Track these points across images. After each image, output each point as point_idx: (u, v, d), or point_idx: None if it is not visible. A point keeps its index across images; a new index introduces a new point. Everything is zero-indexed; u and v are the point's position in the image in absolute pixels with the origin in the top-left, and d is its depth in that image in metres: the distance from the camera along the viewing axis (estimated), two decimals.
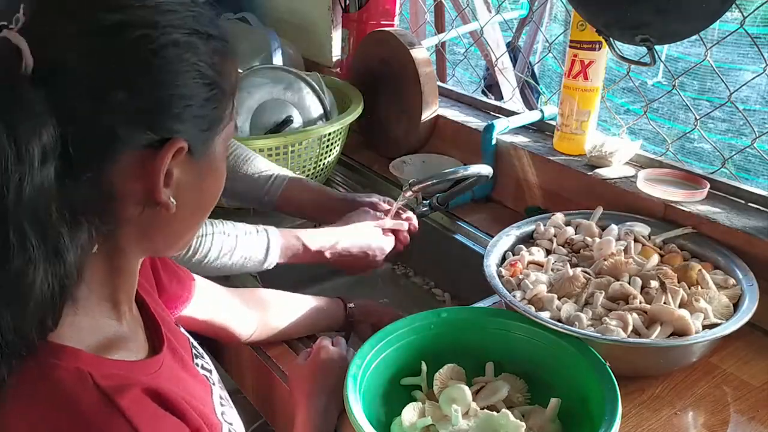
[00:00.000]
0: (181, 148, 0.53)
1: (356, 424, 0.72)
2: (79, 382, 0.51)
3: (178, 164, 0.54)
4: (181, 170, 0.55)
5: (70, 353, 0.52)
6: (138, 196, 0.53)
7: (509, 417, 0.73)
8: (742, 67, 4.40)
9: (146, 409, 0.52)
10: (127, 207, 0.54)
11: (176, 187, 0.55)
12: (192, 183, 0.56)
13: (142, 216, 0.55)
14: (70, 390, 0.50)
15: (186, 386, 0.64)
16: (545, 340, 0.85)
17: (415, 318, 0.88)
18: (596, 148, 1.23)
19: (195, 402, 0.60)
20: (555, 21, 4.53)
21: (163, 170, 0.52)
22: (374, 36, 1.60)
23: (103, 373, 0.52)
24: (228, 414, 0.70)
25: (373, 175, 1.55)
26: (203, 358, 0.75)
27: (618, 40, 1.03)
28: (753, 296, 0.90)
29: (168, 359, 0.63)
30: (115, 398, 0.50)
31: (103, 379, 0.51)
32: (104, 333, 0.57)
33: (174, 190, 0.55)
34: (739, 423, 0.84)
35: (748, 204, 1.10)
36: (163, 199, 0.54)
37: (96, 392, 0.50)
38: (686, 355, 0.88)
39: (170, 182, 0.54)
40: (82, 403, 0.50)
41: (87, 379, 0.51)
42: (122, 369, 0.55)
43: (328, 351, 0.89)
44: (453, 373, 0.85)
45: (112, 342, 0.57)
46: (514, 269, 1.01)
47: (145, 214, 0.55)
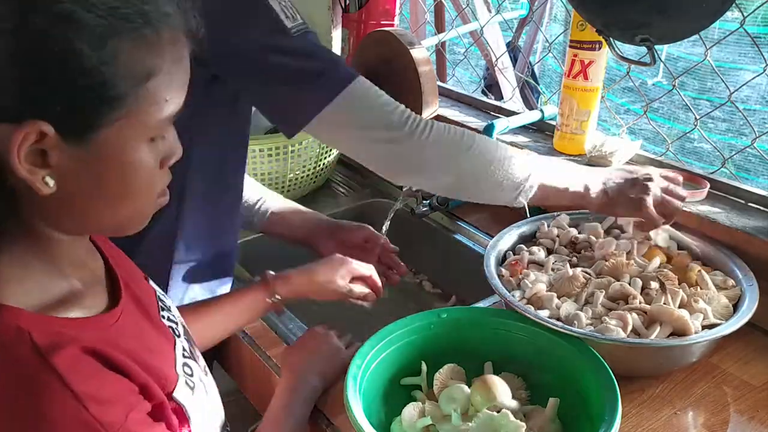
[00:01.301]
0: (43, 131, 0.51)
1: (356, 424, 0.72)
2: (17, 339, 0.52)
3: (53, 147, 0.53)
4: (60, 154, 0.53)
5: (11, 312, 0.53)
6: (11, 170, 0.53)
7: (509, 417, 0.72)
8: (743, 67, 4.41)
9: (82, 366, 0.53)
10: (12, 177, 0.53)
11: (59, 170, 0.54)
12: (81, 169, 0.55)
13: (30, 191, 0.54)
14: (6, 347, 0.52)
15: (146, 338, 0.65)
16: (545, 339, 0.85)
17: (414, 318, 0.88)
18: (596, 148, 1.23)
19: (150, 356, 0.61)
20: (555, 21, 4.54)
21: (17, 148, 0.51)
22: (374, 36, 1.60)
23: (44, 331, 0.53)
24: (191, 366, 0.71)
25: (373, 175, 1.54)
26: (169, 310, 0.76)
27: (618, 40, 1.03)
28: (753, 296, 0.90)
29: (128, 311, 0.65)
30: (49, 356, 0.52)
31: (42, 336, 0.52)
32: (52, 292, 0.58)
33: (56, 171, 0.54)
34: (739, 423, 0.84)
35: (748, 204, 1.10)
36: (24, 176, 0.52)
37: (31, 350, 0.52)
38: (686, 355, 0.88)
39: (47, 163, 0.53)
40: (17, 360, 0.52)
41: (25, 337, 0.52)
42: (67, 326, 0.56)
43: (314, 331, 0.96)
44: (453, 373, 0.85)
45: (62, 300, 0.58)
46: (514, 269, 1.01)
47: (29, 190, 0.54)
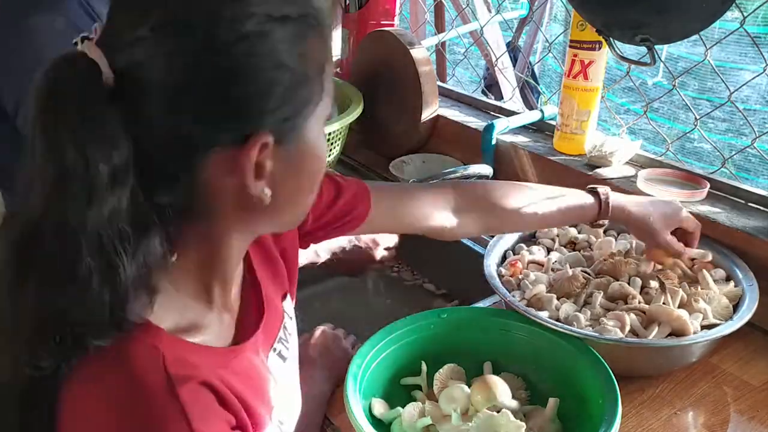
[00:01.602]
0: (266, 142, 0.51)
1: (356, 424, 0.72)
2: (151, 361, 0.51)
3: (269, 156, 0.53)
4: (274, 161, 0.53)
5: (151, 330, 0.52)
6: (232, 191, 0.53)
7: (509, 417, 0.72)
8: (743, 67, 4.41)
9: (202, 400, 0.53)
10: (224, 203, 0.54)
11: (271, 178, 0.54)
12: (287, 170, 0.55)
13: (239, 209, 0.55)
14: (141, 368, 0.51)
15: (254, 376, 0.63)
16: (545, 340, 0.85)
17: (415, 318, 0.88)
18: (596, 148, 1.23)
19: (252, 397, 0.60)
20: (555, 21, 4.54)
21: (250, 167, 0.52)
22: (374, 36, 1.60)
23: (177, 357, 0.52)
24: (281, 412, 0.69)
25: (374, 175, 1.55)
26: (286, 342, 0.74)
27: (618, 39, 1.03)
28: (753, 296, 0.90)
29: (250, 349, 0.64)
30: (177, 387, 0.50)
31: (174, 364, 0.51)
32: (189, 314, 0.58)
33: (268, 181, 0.54)
34: (739, 423, 0.84)
35: (748, 204, 1.10)
36: (255, 193, 0.53)
37: (163, 376, 0.51)
38: (686, 355, 0.88)
39: (263, 174, 0.53)
40: (148, 384, 0.50)
41: (158, 360, 0.51)
42: (196, 353, 0.55)
43: (322, 333, 0.93)
44: (453, 373, 0.85)
45: (194, 324, 0.58)
46: (514, 269, 1.01)
47: (242, 208, 0.55)
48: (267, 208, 0.55)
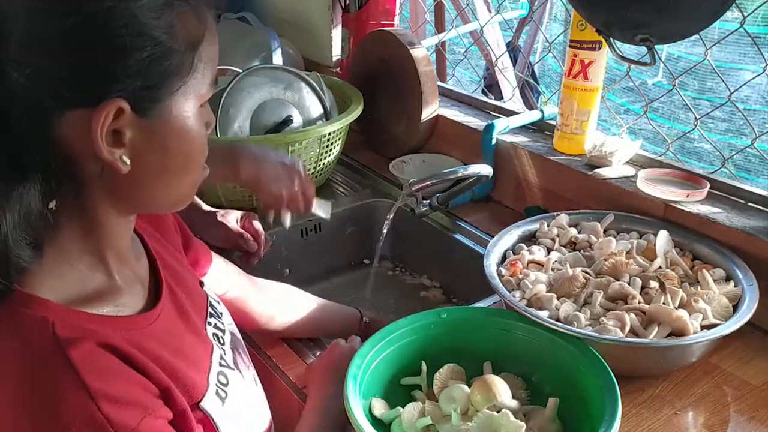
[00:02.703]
0: (120, 108, 0.52)
1: (356, 424, 0.72)
2: (39, 329, 0.52)
3: (127, 124, 0.53)
4: (133, 130, 0.54)
5: (40, 303, 0.54)
6: (90, 155, 0.54)
7: (509, 417, 0.72)
8: (743, 67, 4.41)
9: (99, 362, 0.53)
10: (85, 166, 0.54)
11: (131, 147, 0.55)
12: (150, 142, 0.56)
13: (103, 175, 0.55)
14: (28, 336, 0.52)
15: (179, 343, 0.64)
16: (545, 339, 0.85)
17: (415, 318, 0.88)
18: (596, 148, 1.23)
19: (177, 361, 0.61)
20: (555, 21, 4.54)
21: (101, 130, 0.52)
22: (374, 36, 1.60)
23: (69, 324, 0.53)
24: (228, 376, 0.70)
25: (373, 175, 1.55)
26: (219, 317, 0.76)
27: (618, 39, 1.03)
28: (753, 296, 0.90)
29: (166, 315, 0.64)
30: (67, 349, 0.51)
31: (65, 329, 0.53)
32: (89, 286, 0.58)
33: (129, 150, 0.54)
34: (739, 423, 0.84)
35: (748, 204, 1.10)
36: (107, 158, 0.53)
37: (51, 341, 0.52)
38: (685, 355, 0.88)
39: (122, 142, 0.54)
40: (36, 349, 0.52)
41: (47, 328, 0.52)
42: (93, 322, 0.56)
43: (341, 346, 0.91)
44: (453, 373, 0.85)
45: (96, 295, 0.58)
46: (514, 269, 1.01)
47: (106, 173, 0.55)
48: (133, 181, 0.56)
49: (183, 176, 0.60)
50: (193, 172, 0.61)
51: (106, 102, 0.51)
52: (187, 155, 0.59)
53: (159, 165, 0.57)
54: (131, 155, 0.55)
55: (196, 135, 0.59)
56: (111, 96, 0.51)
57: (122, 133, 0.53)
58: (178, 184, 0.60)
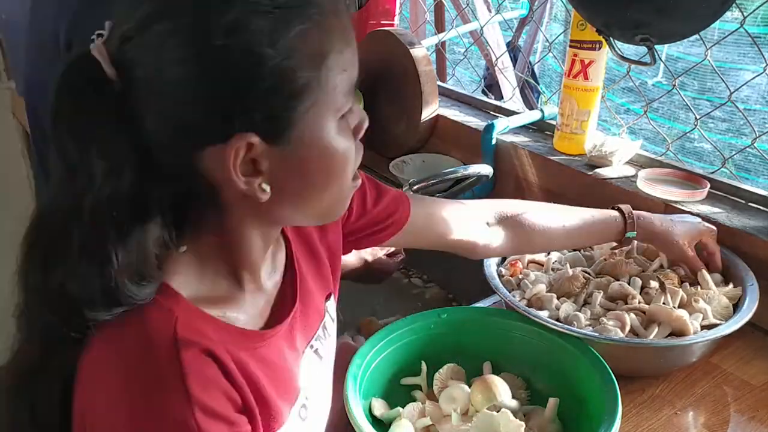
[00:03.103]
0: (251, 142, 0.51)
1: (356, 424, 0.72)
2: (164, 321, 0.53)
3: (262, 154, 0.52)
4: (269, 159, 0.53)
5: (171, 295, 0.55)
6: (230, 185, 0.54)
7: (509, 417, 0.72)
8: (743, 67, 4.41)
9: (203, 368, 0.54)
10: (227, 193, 0.55)
11: (270, 174, 0.54)
12: (289, 167, 0.54)
13: (245, 200, 0.55)
14: (152, 327, 0.53)
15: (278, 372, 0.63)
16: (545, 340, 0.85)
17: (415, 318, 0.88)
18: (596, 148, 1.23)
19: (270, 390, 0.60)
20: (555, 20, 4.54)
21: (233, 165, 0.52)
22: (374, 35, 1.60)
23: (190, 322, 0.54)
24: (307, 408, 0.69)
25: (374, 174, 1.55)
26: (323, 340, 0.74)
27: (618, 39, 1.03)
28: (753, 296, 0.90)
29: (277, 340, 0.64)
30: (181, 349, 0.52)
31: (185, 327, 0.54)
32: (216, 291, 0.59)
33: (268, 176, 0.54)
34: (739, 423, 0.84)
35: (749, 204, 1.10)
36: (245, 190, 0.53)
37: (172, 336, 0.53)
38: (686, 355, 0.88)
39: (259, 170, 0.53)
40: (155, 342, 0.53)
41: (171, 321, 0.53)
42: (212, 324, 0.56)
43: (348, 347, 0.88)
44: (453, 373, 0.85)
45: (220, 299, 0.59)
46: (514, 269, 1.01)
47: (244, 199, 0.55)
48: (274, 203, 0.56)
49: (326, 191, 0.59)
50: (337, 185, 0.59)
51: (234, 138, 0.51)
52: (328, 171, 0.57)
53: (300, 186, 0.57)
54: (271, 181, 0.54)
55: (337, 150, 0.56)
56: (238, 131, 0.51)
57: (259, 162, 0.53)
58: (321, 199, 0.59)
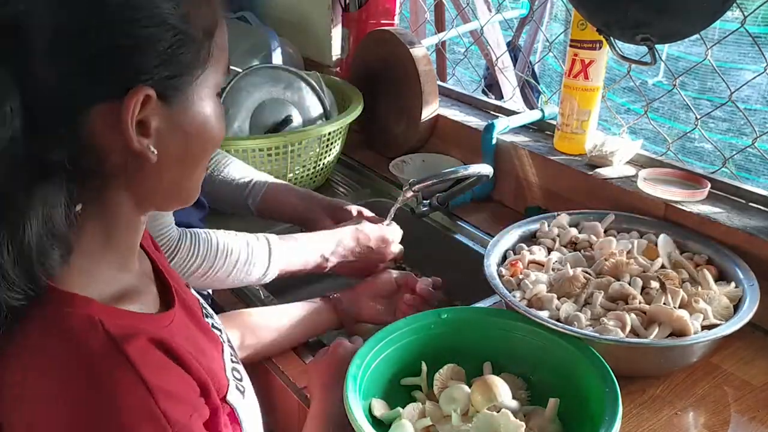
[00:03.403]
0: (147, 95, 0.53)
1: (356, 424, 0.72)
2: (90, 328, 0.52)
3: (153, 113, 0.54)
4: (158, 119, 0.55)
5: (81, 301, 0.54)
6: (117, 147, 0.54)
7: (509, 417, 0.72)
8: (743, 67, 4.40)
9: (152, 357, 0.53)
10: (110, 159, 0.55)
11: (157, 137, 0.55)
12: (172, 131, 0.56)
13: (127, 168, 0.56)
14: (80, 336, 0.52)
15: (197, 343, 0.64)
16: (546, 340, 0.85)
17: (415, 318, 0.88)
18: (597, 148, 1.23)
19: (204, 359, 0.61)
20: (555, 20, 4.54)
21: (131, 119, 0.52)
22: (374, 35, 1.60)
23: (114, 322, 0.53)
24: (240, 371, 0.71)
25: (373, 174, 1.54)
26: (213, 317, 0.76)
27: (618, 39, 1.03)
28: (754, 296, 0.90)
29: (180, 315, 0.64)
30: (122, 345, 0.52)
31: (113, 327, 0.53)
32: (117, 284, 0.59)
33: (155, 139, 0.55)
34: (739, 423, 0.84)
35: (749, 204, 1.10)
36: (137, 148, 0.54)
37: (106, 338, 0.52)
38: (686, 356, 0.87)
39: (148, 132, 0.55)
40: (91, 349, 0.52)
41: (97, 326, 0.52)
42: (133, 319, 0.57)
43: (345, 347, 0.89)
44: (453, 373, 0.85)
45: (124, 294, 0.59)
46: (514, 269, 1.00)
47: (130, 166, 0.56)
48: (154, 172, 0.57)
49: (200, 164, 0.61)
50: (206, 160, 0.62)
51: (135, 90, 0.52)
52: (205, 142, 0.60)
53: (180, 153, 0.58)
54: (156, 145, 0.55)
55: (215, 123, 0.60)
56: (138, 84, 0.52)
57: (148, 122, 0.54)
58: (194, 172, 0.61)
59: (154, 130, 0.55)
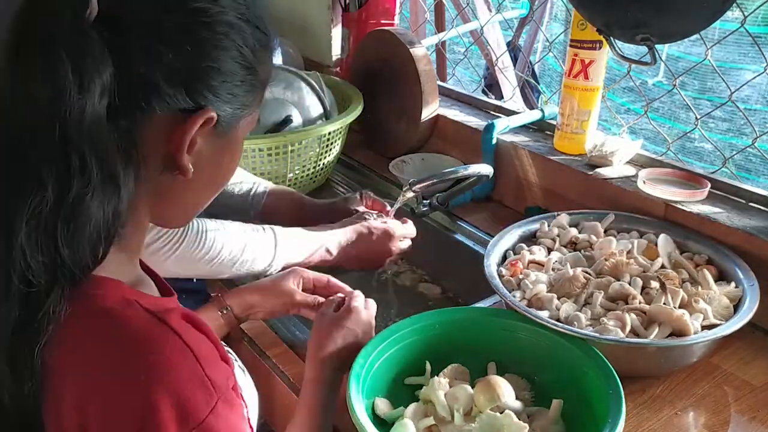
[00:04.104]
0: (210, 118, 0.56)
1: (359, 423, 0.72)
2: (129, 307, 0.54)
3: (203, 135, 0.57)
4: (204, 142, 0.58)
5: (115, 285, 0.55)
6: (159, 157, 0.56)
7: (512, 418, 0.72)
8: (743, 67, 4.40)
9: (189, 329, 0.55)
10: (148, 166, 0.56)
11: (196, 157, 0.58)
12: (211, 156, 0.60)
13: (159, 178, 0.58)
14: (122, 315, 0.53)
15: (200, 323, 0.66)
16: (549, 340, 0.85)
17: (419, 318, 0.88)
18: (597, 148, 1.23)
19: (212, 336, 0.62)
20: (555, 20, 4.53)
21: (190, 134, 0.56)
22: (374, 35, 1.60)
23: (147, 301, 0.56)
24: (232, 352, 0.73)
25: (373, 174, 1.54)
26: None
27: (618, 39, 1.03)
28: (754, 296, 0.90)
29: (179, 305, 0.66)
30: (165, 317, 0.54)
31: (149, 305, 0.55)
32: (131, 275, 0.61)
33: (194, 158, 0.58)
34: (739, 423, 0.84)
35: (749, 204, 1.10)
36: (183, 163, 0.57)
37: (146, 314, 0.54)
38: (686, 356, 0.88)
39: (192, 150, 0.57)
40: (135, 324, 0.53)
41: (135, 305, 0.54)
42: (158, 300, 0.60)
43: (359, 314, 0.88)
44: (457, 373, 0.85)
45: (138, 283, 0.61)
46: (514, 269, 1.01)
47: (162, 178, 0.58)
48: (182, 188, 0.60)
49: (216, 192, 0.66)
50: (220, 190, 0.66)
51: (205, 110, 0.56)
52: (228, 173, 0.65)
53: (209, 178, 0.62)
54: (194, 164, 0.58)
55: (237, 160, 0.65)
56: (208, 107, 0.56)
57: (195, 142, 0.57)
58: (209, 198, 0.66)
59: (197, 151, 0.58)
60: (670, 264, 0.99)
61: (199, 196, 0.64)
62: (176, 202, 0.62)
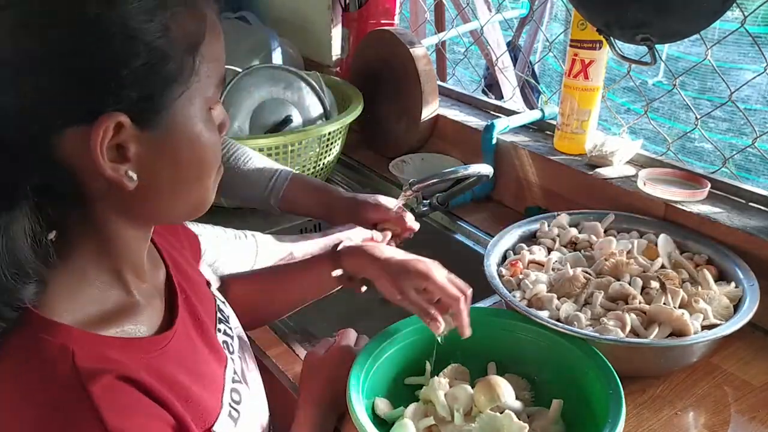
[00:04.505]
0: (119, 122, 0.49)
1: (359, 423, 0.72)
2: (60, 360, 0.50)
3: (130, 138, 0.51)
4: (137, 144, 0.51)
5: (60, 329, 0.52)
6: (94, 173, 0.51)
7: (512, 418, 0.72)
8: (743, 67, 4.41)
9: (118, 397, 0.51)
10: (89, 184, 0.52)
11: (138, 162, 0.52)
12: (158, 155, 0.53)
13: (111, 192, 0.53)
14: (48, 366, 0.50)
15: (196, 362, 0.63)
16: (549, 340, 0.85)
17: (419, 318, 0.87)
18: (597, 148, 1.23)
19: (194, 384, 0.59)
20: (555, 20, 4.53)
21: (100, 147, 0.49)
22: (374, 35, 1.60)
23: (89, 352, 0.51)
24: (240, 392, 0.68)
25: (373, 174, 1.54)
26: (227, 322, 0.74)
27: (618, 39, 1.03)
28: (754, 296, 0.90)
29: (182, 331, 0.63)
30: (87, 383, 0.49)
31: (85, 359, 0.51)
32: (107, 304, 0.56)
33: (135, 164, 0.52)
34: (739, 423, 0.84)
35: (749, 204, 1.10)
36: (110, 175, 0.51)
37: (71, 373, 0.50)
38: (686, 356, 0.87)
39: (127, 157, 0.51)
40: (56, 382, 0.50)
41: (67, 358, 0.50)
42: (113, 348, 0.54)
43: (351, 352, 0.84)
44: (457, 373, 0.85)
45: (115, 314, 0.56)
46: (514, 269, 1.01)
47: (113, 190, 0.52)
48: (144, 195, 0.54)
49: (197, 185, 0.57)
50: (207, 178, 0.58)
51: (103, 117, 0.48)
52: (200, 163, 0.56)
53: (171, 177, 0.55)
54: (139, 170, 0.52)
55: (207, 141, 0.55)
56: (108, 110, 0.49)
57: (126, 147, 0.51)
58: (191, 193, 0.58)
59: (134, 156, 0.51)
60: (670, 264, 0.99)
61: (183, 190, 0.57)
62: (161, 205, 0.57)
